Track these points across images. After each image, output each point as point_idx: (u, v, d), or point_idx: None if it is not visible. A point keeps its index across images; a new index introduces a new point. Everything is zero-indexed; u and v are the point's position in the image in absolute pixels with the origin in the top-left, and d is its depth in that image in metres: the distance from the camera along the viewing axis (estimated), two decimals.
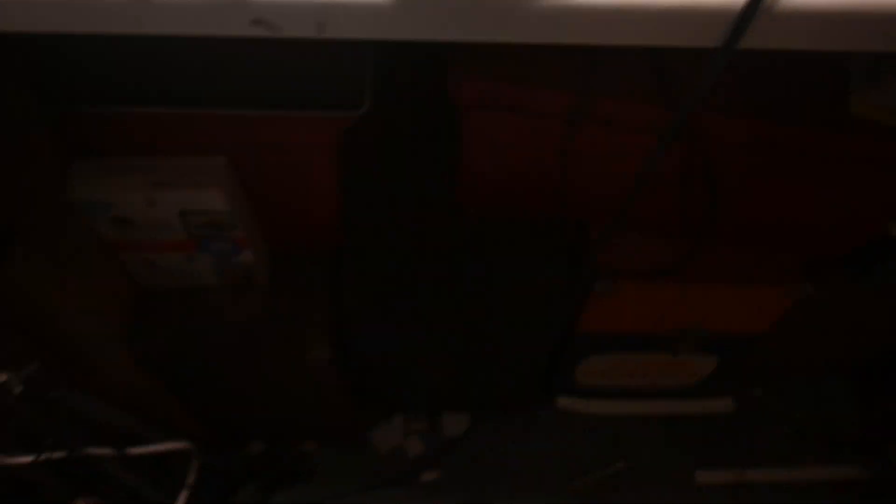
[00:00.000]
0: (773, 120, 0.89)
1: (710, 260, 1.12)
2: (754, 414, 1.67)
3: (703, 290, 1.15)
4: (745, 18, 0.44)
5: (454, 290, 1.15)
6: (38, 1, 0.44)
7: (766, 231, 1.12)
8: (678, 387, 1.59)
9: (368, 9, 0.41)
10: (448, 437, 1.60)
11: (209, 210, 0.95)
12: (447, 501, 1.53)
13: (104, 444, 0.97)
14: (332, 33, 0.42)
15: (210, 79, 0.84)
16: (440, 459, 1.53)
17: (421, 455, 1.58)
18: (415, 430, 1.60)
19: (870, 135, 0.88)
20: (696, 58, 0.52)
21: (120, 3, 0.44)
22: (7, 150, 0.80)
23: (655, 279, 1.11)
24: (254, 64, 0.82)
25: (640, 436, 1.64)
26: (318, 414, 1.43)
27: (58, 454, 0.83)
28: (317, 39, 0.44)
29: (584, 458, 1.60)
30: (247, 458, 1.54)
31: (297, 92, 0.85)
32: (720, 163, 0.95)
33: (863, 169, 0.94)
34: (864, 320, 1.44)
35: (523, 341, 1.29)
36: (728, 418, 1.66)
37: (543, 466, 1.59)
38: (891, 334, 1.50)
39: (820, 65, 0.93)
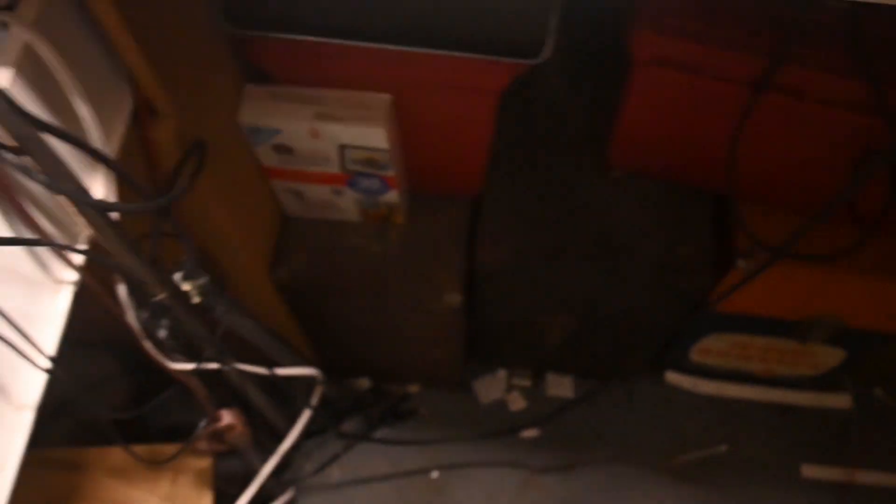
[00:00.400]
0: None
1: (868, 251, 1.06)
2: (872, 414, 1.60)
3: (857, 280, 1.09)
4: None
5: (591, 248, 1.13)
6: None
7: None
8: (795, 377, 1.53)
9: None
10: (550, 396, 1.60)
11: (369, 147, 0.95)
12: (544, 460, 1.53)
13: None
14: None
15: (386, 14, 0.84)
16: (542, 418, 1.54)
17: (522, 411, 1.59)
18: (517, 386, 1.61)
19: None
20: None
21: None
22: (194, 62, 0.82)
23: (808, 263, 1.06)
24: (433, 2, 0.81)
25: (747, 421, 1.60)
26: (429, 358, 1.45)
27: (213, 366, 0.87)
28: None
29: (687, 436, 1.57)
30: (355, 393, 1.59)
31: (474, 34, 0.83)
32: None
33: None
34: None
35: (650, 311, 1.26)
36: (843, 415, 1.59)
37: (643, 439, 1.57)
38: None
39: None
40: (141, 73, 0.70)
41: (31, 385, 0.62)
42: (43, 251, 0.63)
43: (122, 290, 0.73)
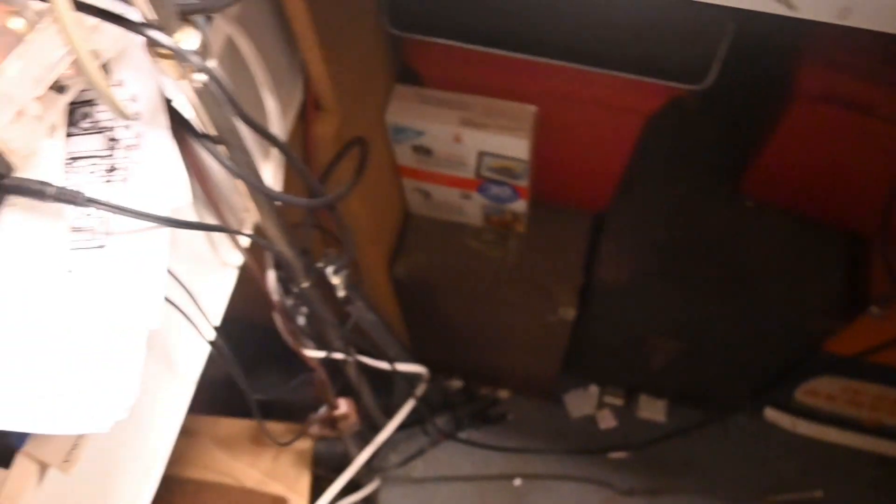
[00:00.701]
0: None
1: None
2: None
3: None
4: None
5: (714, 276, 1.10)
6: None
7: None
8: None
9: None
10: (642, 418, 1.57)
11: (508, 156, 0.96)
12: (630, 483, 1.51)
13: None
14: (855, 21, 0.39)
15: (542, 27, 0.84)
16: (632, 442, 1.51)
17: (611, 430, 1.57)
18: (609, 404, 1.59)
19: None
20: None
21: None
22: (357, 60, 0.84)
23: None
24: (597, 19, 0.81)
25: (845, 469, 1.53)
26: (526, 366, 1.45)
27: (339, 356, 0.90)
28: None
29: (781, 476, 1.52)
30: (445, 391, 1.60)
31: (634, 53, 0.82)
32: None
33: None
34: None
35: (764, 345, 1.22)
36: None
37: (735, 473, 1.53)
38: None
39: None
40: (316, 69, 0.72)
41: (195, 357, 0.65)
42: (216, 234, 0.66)
43: (271, 276, 0.76)
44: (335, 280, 0.77)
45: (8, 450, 0.49)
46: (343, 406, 0.97)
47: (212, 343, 0.65)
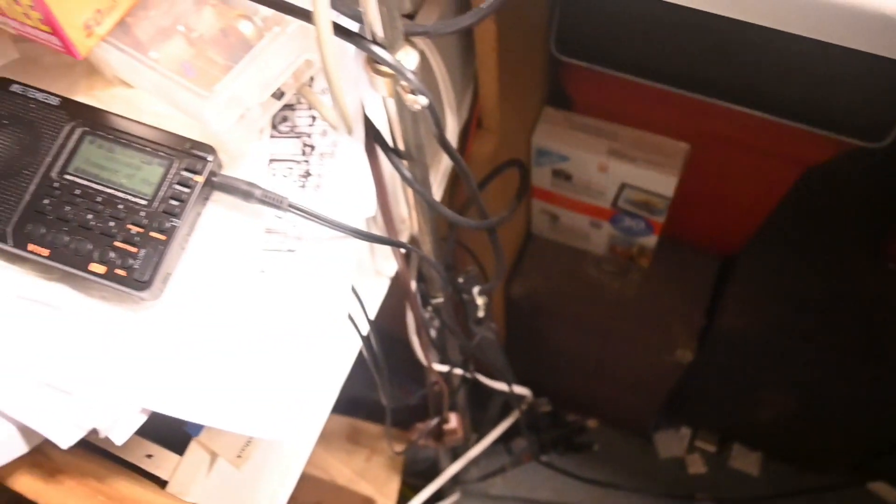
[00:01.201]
0: None
1: None
2: None
3: None
4: None
5: (844, 336, 1.05)
6: None
7: None
8: None
9: None
10: (733, 468, 1.52)
11: (652, 192, 0.94)
12: None
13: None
14: None
15: (714, 66, 0.81)
16: (723, 495, 1.46)
17: (700, 476, 1.52)
18: (700, 449, 1.54)
19: None
20: None
21: None
22: (520, 81, 0.84)
23: None
24: (772, 62, 0.78)
25: None
26: (625, 400, 1.42)
27: (459, 371, 0.89)
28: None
29: None
30: (534, 412, 1.58)
31: (808, 103, 0.79)
32: None
33: None
34: None
35: (887, 414, 1.16)
36: None
37: None
38: None
39: None
40: (489, 89, 0.72)
41: (343, 362, 0.66)
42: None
43: (413, 287, 0.76)
44: (479, 301, 0.77)
45: (183, 435, 0.50)
46: (453, 421, 0.97)
47: (369, 350, 0.66)
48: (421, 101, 0.45)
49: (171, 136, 0.48)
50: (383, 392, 0.70)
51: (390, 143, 0.56)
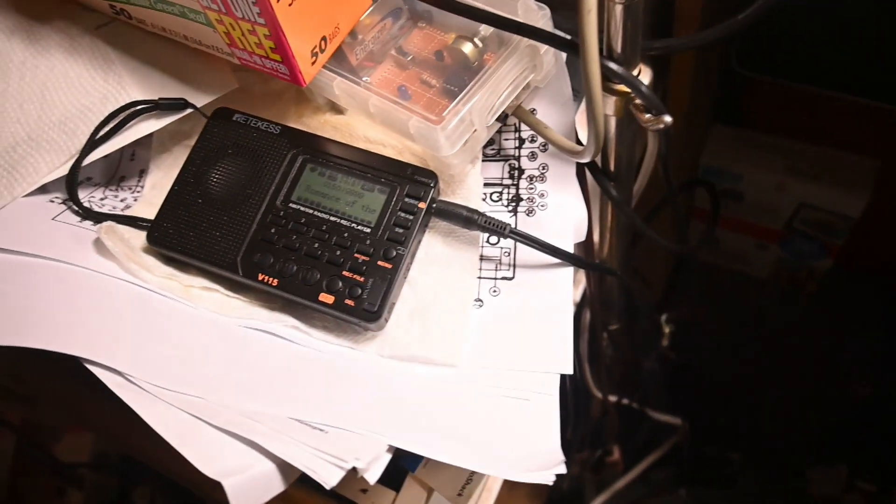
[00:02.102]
0: None
1: None
2: None
3: None
4: None
5: None
6: None
7: None
8: None
9: None
10: None
11: (834, 212, 0.87)
12: None
13: None
14: None
15: None
16: None
17: None
18: (860, 489, 1.42)
19: None
20: None
21: None
22: (696, 102, 0.80)
23: None
24: None
25: None
26: (778, 433, 1.32)
27: (626, 402, 0.85)
28: None
29: None
30: (676, 443, 1.51)
31: None
32: None
33: None
34: None
35: None
36: None
37: None
38: None
39: None
40: (675, 106, 0.68)
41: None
42: None
43: (587, 316, 0.73)
44: (666, 329, 0.73)
45: (398, 470, 0.49)
46: (616, 453, 0.93)
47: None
48: (666, 119, 0.42)
49: (392, 161, 0.47)
50: None
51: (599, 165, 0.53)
